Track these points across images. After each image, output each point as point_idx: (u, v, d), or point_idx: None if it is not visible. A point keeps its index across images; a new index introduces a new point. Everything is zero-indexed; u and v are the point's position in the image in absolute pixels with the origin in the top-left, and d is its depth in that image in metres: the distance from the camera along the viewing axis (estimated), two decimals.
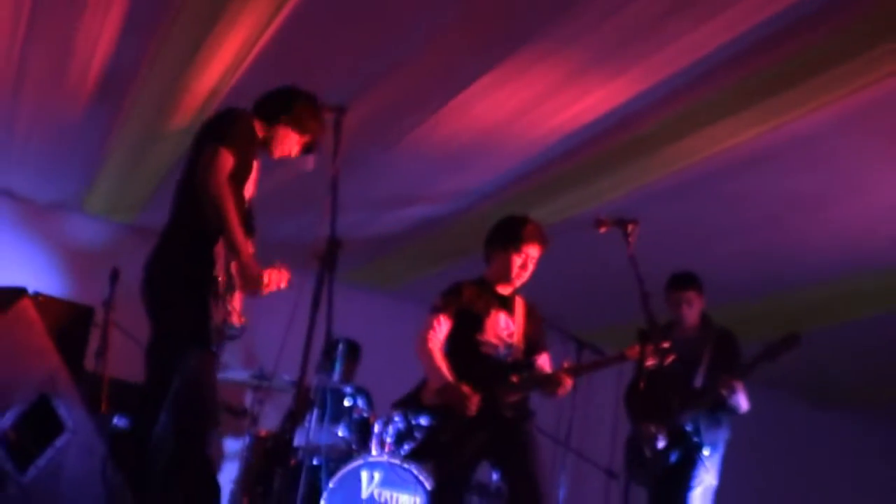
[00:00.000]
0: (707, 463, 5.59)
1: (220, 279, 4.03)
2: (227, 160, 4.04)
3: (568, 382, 4.84)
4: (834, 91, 4.96)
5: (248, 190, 4.31)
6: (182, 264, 4.09)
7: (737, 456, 5.90)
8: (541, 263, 5.06)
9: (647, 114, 5.53)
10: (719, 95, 5.20)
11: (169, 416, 3.99)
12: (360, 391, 7.06)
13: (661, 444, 5.60)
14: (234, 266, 4.12)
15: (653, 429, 5.63)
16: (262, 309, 4.41)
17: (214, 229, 4.01)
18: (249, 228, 4.25)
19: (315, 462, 6.18)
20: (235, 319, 4.14)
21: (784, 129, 5.36)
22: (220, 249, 4.04)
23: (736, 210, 6.59)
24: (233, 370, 6.57)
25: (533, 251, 4.98)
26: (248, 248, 4.11)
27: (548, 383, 4.84)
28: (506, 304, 5.03)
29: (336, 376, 7.05)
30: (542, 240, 5.01)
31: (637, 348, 4.69)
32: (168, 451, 3.96)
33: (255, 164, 4.33)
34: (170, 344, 4.10)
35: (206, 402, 4.08)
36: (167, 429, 3.99)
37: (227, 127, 4.17)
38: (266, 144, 4.42)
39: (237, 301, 4.20)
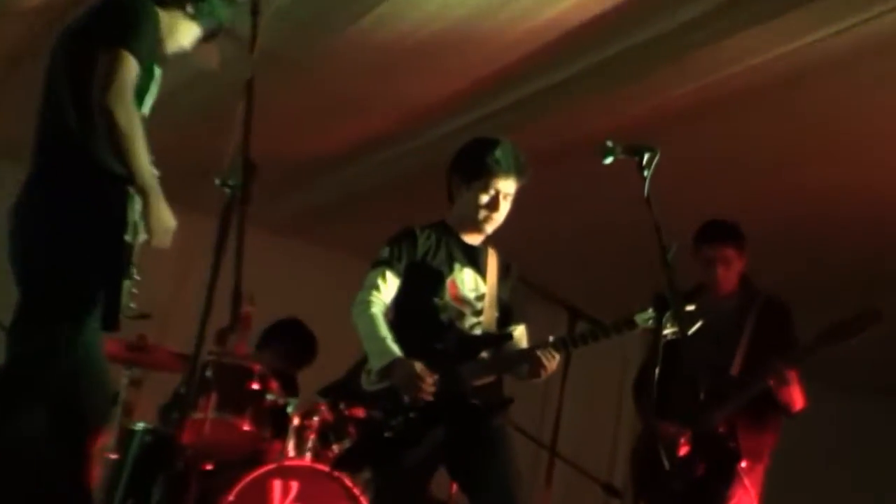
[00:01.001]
0: (745, 478, 5.37)
1: (132, 243, 3.94)
2: (131, 70, 3.89)
3: (553, 360, 4.65)
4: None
5: (146, 104, 4.10)
6: (85, 214, 3.93)
7: (788, 467, 5.82)
8: (522, 205, 4.77)
9: (655, 14, 5.48)
10: None
11: (49, 412, 3.97)
12: (274, 371, 6.94)
13: (682, 450, 5.44)
14: None
15: (672, 430, 5.38)
16: (144, 255, 4.08)
17: (120, 166, 3.86)
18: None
19: (209, 467, 5.90)
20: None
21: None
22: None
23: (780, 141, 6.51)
24: None
25: (506, 185, 4.73)
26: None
27: (527, 360, 4.64)
28: (474, 257, 4.81)
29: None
30: (519, 170, 4.74)
31: (651, 316, 4.37)
32: (45, 454, 3.98)
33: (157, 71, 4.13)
34: (55, 319, 3.93)
35: (100, 397, 4.13)
36: (43, 428, 3.97)
37: (129, 23, 3.98)
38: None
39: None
